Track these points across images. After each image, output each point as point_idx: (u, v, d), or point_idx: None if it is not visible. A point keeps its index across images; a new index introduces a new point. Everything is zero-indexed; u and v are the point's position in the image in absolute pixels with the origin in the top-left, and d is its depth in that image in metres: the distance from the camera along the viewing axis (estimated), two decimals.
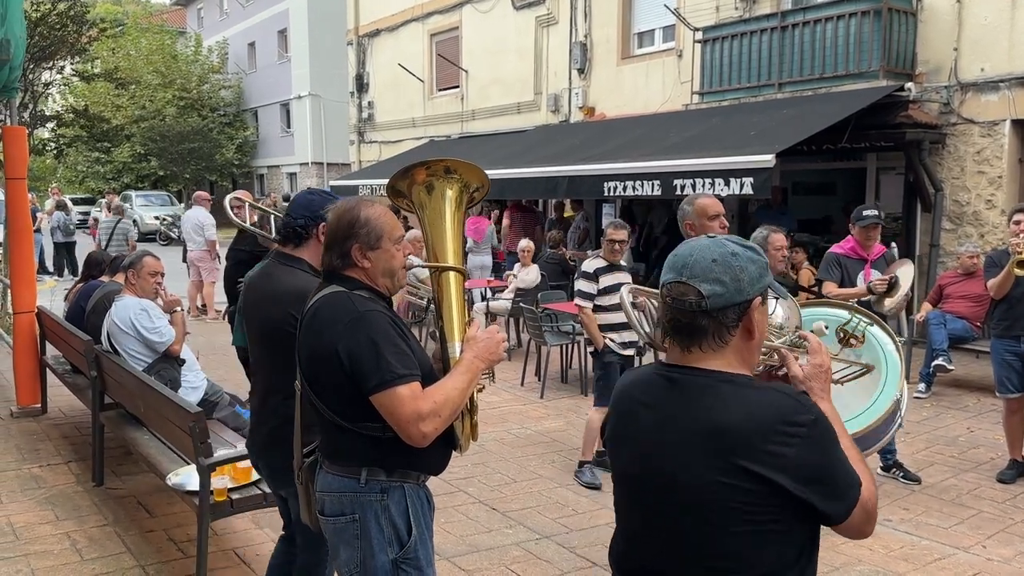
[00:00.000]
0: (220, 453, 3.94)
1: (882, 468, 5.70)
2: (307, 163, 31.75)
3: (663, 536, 1.70)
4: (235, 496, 3.87)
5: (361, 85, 22.04)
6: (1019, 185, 10.02)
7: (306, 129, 31.50)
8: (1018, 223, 5.40)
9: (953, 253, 9.79)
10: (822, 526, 1.67)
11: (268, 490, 3.94)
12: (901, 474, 5.61)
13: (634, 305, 2.25)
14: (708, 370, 1.66)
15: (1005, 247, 5.60)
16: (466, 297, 2.65)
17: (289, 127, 33.26)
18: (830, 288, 5.45)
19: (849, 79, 10.47)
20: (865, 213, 5.54)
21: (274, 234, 4.71)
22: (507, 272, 11.06)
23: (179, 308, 5.61)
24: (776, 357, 1.96)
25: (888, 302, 5.28)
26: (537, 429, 6.86)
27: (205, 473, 3.70)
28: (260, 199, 27.92)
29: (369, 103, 21.82)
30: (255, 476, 4.01)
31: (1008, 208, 8.81)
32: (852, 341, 2.67)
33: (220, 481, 3.85)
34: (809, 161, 12.14)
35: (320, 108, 30.70)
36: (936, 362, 7.81)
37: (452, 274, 2.53)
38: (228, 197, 4.95)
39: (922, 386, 7.94)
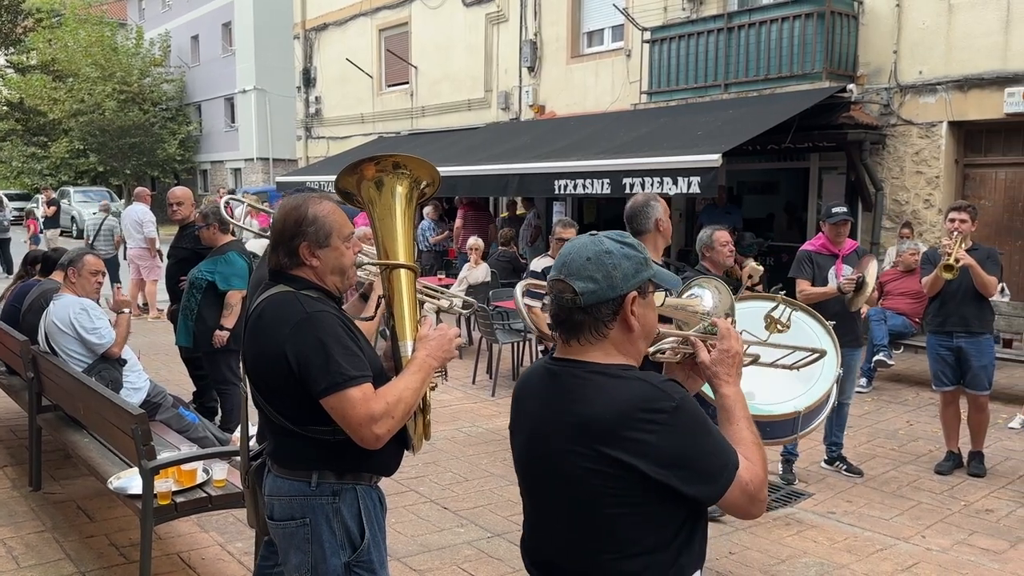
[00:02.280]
0: (163, 456, 3.85)
1: (826, 461, 5.83)
2: (252, 159, 31.20)
3: (551, 523, 1.80)
4: (179, 499, 3.79)
5: (308, 80, 21.75)
6: (955, 185, 10.34)
7: (251, 124, 30.94)
8: (952, 221, 5.57)
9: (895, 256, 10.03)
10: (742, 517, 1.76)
11: (214, 492, 3.88)
12: (844, 467, 5.74)
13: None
14: (584, 362, 1.74)
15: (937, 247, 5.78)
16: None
17: (234, 122, 32.64)
18: (803, 286, 5.52)
19: (793, 80, 10.67)
20: (835, 211, 5.61)
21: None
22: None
23: (127, 309, 5.45)
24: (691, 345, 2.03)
25: (858, 300, 5.39)
26: (488, 427, 6.85)
27: (148, 476, 3.62)
28: (204, 195, 27.43)
29: (316, 98, 21.55)
30: (200, 478, 3.94)
31: (945, 207, 9.08)
32: (778, 327, 2.86)
33: (164, 484, 3.77)
34: (754, 161, 12.36)
35: (266, 103, 30.19)
36: (877, 357, 8.01)
37: (404, 271, 2.49)
38: (224, 198, 4.83)
39: (863, 381, 8.12)
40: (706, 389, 2.04)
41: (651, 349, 2.02)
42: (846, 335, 5.41)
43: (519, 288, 2.28)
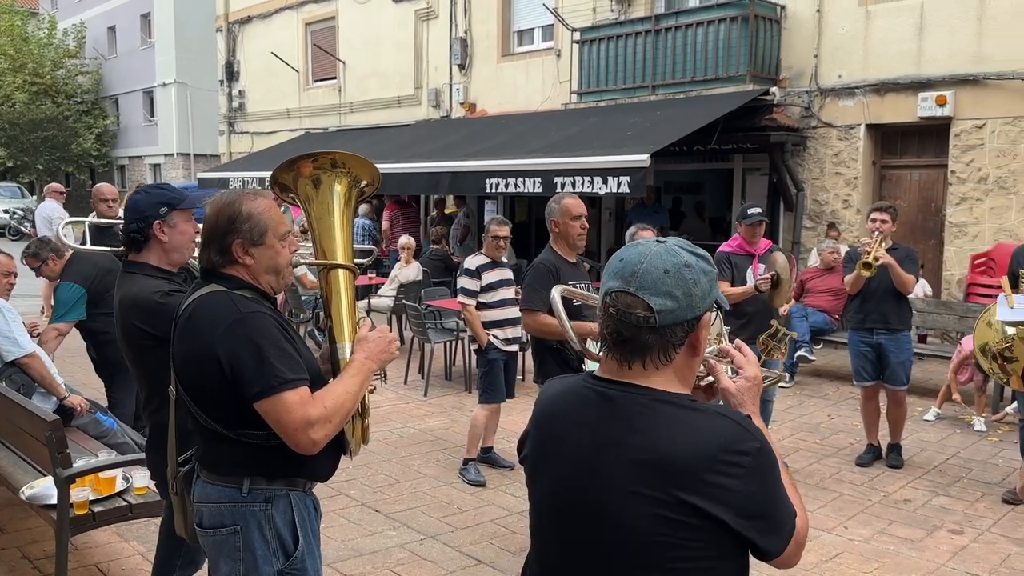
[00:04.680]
0: (80, 463, 3.69)
1: None
2: (172, 154, 30.29)
3: (584, 569, 1.54)
4: (98, 508, 3.65)
5: (231, 73, 21.20)
6: (872, 186, 10.71)
7: (171, 118, 30.04)
8: (874, 221, 5.75)
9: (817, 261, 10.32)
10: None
11: (135, 501, 3.74)
12: None
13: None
14: (647, 388, 1.51)
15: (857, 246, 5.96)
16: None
17: (153, 116, 31.65)
18: (722, 287, 5.61)
19: (718, 83, 10.89)
20: (750, 211, 5.71)
21: None
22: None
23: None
24: (703, 368, 1.77)
25: (778, 297, 5.47)
26: (421, 428, 6.79)
27: (64, 485, 3.47)
28: (124, 192, 26.39)
29: (240, 92, 21.04)
30: (120, 486, 3.79)
31: (863, 207, 9.40)
32: (775, 352, 2.54)
33: (81, 493, 3.61)
34: (680, 161, 12.56)
35: (187, 96, 29.35)
36: (799, 353, 8.23)
37: (342, 272, 2.42)
38: (58, 228, 4.53)
39: (786, 376, 8.34)
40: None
41: None
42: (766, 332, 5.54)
43: (557, 292, 2.03)
